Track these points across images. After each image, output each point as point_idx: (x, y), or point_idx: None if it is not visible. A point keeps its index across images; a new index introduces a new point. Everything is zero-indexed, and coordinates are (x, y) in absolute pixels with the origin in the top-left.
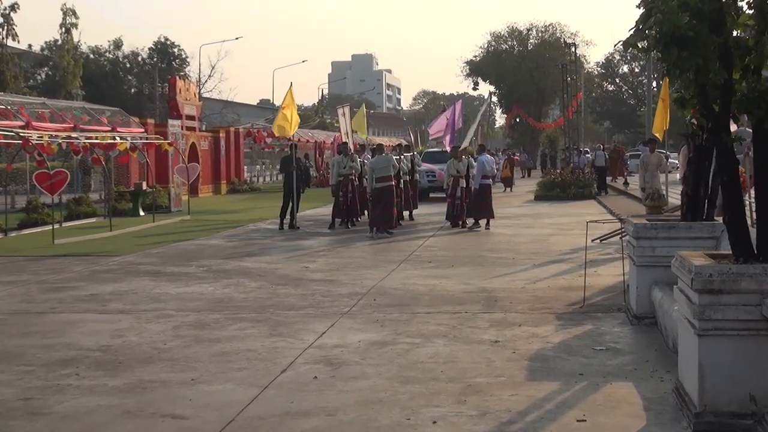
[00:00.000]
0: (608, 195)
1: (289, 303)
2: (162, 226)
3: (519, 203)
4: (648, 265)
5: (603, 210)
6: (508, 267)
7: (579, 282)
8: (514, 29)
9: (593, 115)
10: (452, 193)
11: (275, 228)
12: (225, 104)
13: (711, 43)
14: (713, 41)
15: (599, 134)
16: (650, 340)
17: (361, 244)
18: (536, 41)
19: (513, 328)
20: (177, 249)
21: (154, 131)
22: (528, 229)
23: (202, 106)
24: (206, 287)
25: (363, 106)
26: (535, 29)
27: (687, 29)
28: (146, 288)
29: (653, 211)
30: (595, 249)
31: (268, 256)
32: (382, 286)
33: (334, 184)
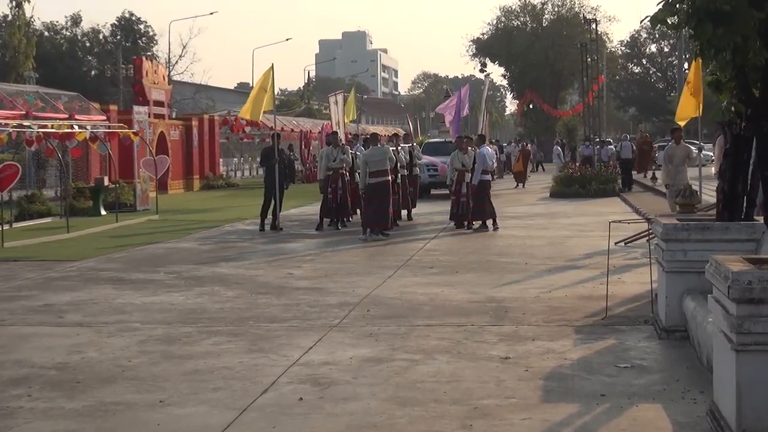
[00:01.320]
0: (634, 192)
1: (271, 314)
2: (126, 227)
3: (532, 201)
4: (679, 271)
5: (628, 209)
6: (520, 273)
7: (601, 290)
8: (527, 3)
9: (617, 101)
10: (457, 190)
11: (255, 229)
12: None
13: (751, 19)
14: (753, 16)
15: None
16: (681, 357)
17: (353, 247)
18: (552, 17)
19: (526, 342)
20: (143, 253)
21: (118, 119)
22: (543, 231)
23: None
24: (176, 296)
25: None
26: (551, 3)
27: (723, 3)
28: (108, 297)
29: (685, 210)
30: (618, 253)
31: (247, 261)
32: (376, 295)
33: (322, 179)
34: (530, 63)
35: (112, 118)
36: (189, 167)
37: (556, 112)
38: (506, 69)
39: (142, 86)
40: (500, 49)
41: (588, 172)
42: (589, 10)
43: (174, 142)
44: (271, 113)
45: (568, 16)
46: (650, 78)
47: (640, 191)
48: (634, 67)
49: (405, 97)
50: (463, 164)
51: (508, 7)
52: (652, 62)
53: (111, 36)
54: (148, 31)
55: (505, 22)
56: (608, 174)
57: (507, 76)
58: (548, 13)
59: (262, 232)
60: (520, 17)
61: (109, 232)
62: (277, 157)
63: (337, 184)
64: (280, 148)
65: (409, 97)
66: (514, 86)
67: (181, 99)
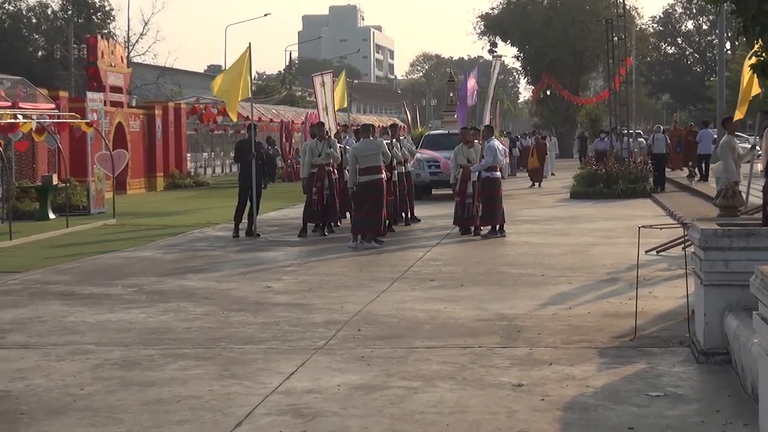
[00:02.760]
0: (667, 192)
1: (246, 335)
2: (78, 233)
3: (550, 202)
4: (719, 284)
5: (661, 211)
6: (536, 287)
7: (629, 307)
8: None
9: (648, 86)
10: (461, 190)
11: (228, 235)
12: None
13: None
14: None
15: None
16: (722, 383)
17: (342, 256)
18: None
19: (542, 367)
20: (98, 263)
21: (69, 107)
22: (562, 237)
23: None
24: (136, 314)
25: (343, 73)
26: None
27: None
28: (57, 315)
29: (727, 213)
30: (650, 263)
31: (219, 272)
32: (368, 312)
33: (305, 177)
34: (547, 42)
35: (62, 106)
36: (151, 163)
37: (578, 99)
38: (520, 49)
39: (96, 69)
40: (513, 26)
41: (614, 169)
42: None
43: (134, 134)
44: (247, 101)
45: None
46: (686, 60)
47: (674, 191)
48: (667, 47)
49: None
50: (469, 160)
51: None
52: (688, 42)
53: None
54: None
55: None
56: (638, 171)
57: (520, 57)
58: None
59: (237, 238)
60: None
61: (58, 238)
62: (254, 151)
63: (323, 183)
64: (258, 142)
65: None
66: (529, 69)
67: (143, 84)
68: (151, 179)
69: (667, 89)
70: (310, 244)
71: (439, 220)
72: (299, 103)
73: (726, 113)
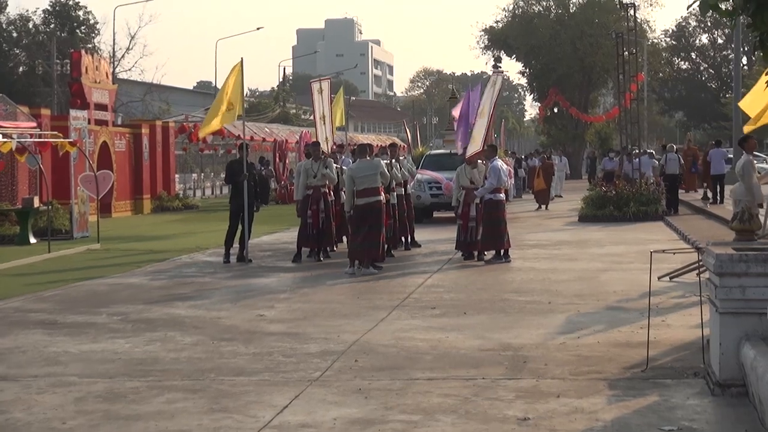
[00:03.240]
0: (681, 215)
1: (237, 366)
2: (61, 258)
3: (558, 226)
4: (736, 312)
5: (674, 235)
6: (543, 315)
7: (640, 336)
8: None
9: (660, 103)
10: (464, 212)
11: (218, 261)
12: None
13: None
14: None
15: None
16: (739, 417)
17: (338, 283)
18: (581, 0)
19: (549, 400)
20: (81, 290)
21: (51, 126)
22: (570, 263)
23: (117, 90)
24: (122, 344)
25: (341, 90)
26: None
27: None
28: (38, 345)
29: (743, 237)
30: (662, 290)
31: (208, 300)
32: (366, 341)
33: (300, 199)
34: (555, 57)
35: (44, 124)
36: (138, 185)
37: (587, 117)
38: (525, 64)
39: (80, 86)
40: (518, 40)
41: (625, 190)
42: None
43: (119, 154)
44: (239, 119)
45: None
46: (701, 76)
47: (688, 214)
48: (681, 62)
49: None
50: (472, 181)
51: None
52: (702, 57)
53: (43, 24)
54: (88, 18)
55: (524, 8)
56: (650, 193)
57: (526, 73)
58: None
59: (227, 264)
60: (542, 1)
61: (39, 264)
62: (246, 172)
63: (319, 206)
64: (250, 162)
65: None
66: (535, 86)
67: (129, 101)
68: (137, 201)
69: (681, 107)
70: (305, 270)
71: (441, 244)
72: (293, 121)
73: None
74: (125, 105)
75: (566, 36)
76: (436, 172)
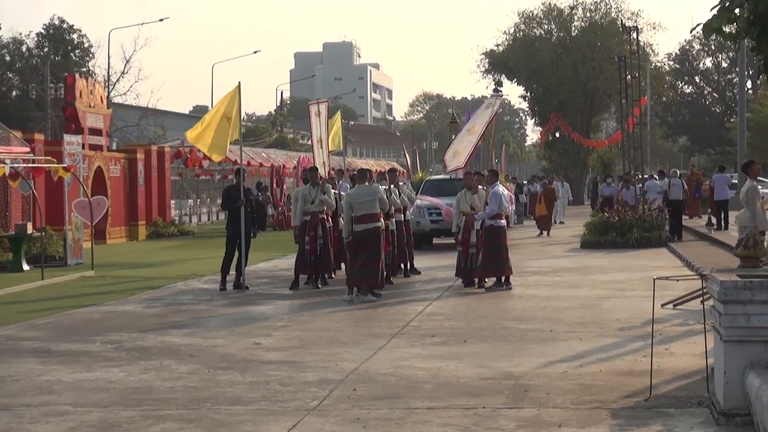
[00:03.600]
0: (685, 241)
1: (234, 395)
2: (54, 285)
3: (559, 252)
4: (740, 340)
5: (678, 262)
6: (544, 343)
7: (644, 364)
8: (552, 7)
9: (663, 128)
10: (464, 239)
11: (215, 288)
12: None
13: None
14: None
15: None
16: None
17: (336, 310)
18: (583, 24)
19: (550, 429)
20: (75, 318)
21: (45, 151)
22: (572, 290)
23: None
24: (116, 372)
25: (338, 113)
26: (581, 7)
27: None
28: (31, 373)
29: (748, 264)
30: (666, 317)
31: (204, 328)
32: (365, 370)
33: (297, 225)
34: (556, 81)
35: (37, 149)
36: (133, 211)
37: (589, 141)
38: (527, 88)
39: (74, 110)
40: (519, 63)
41: (628, 216)
42: (628, 15)
43: (114, 179)
44: (236, 144)
45: (602, 23)
46: (705, 100)
47: (692, 240)
48: (684, 86)
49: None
50: (473, 207)
51: (529, 12)
52: (706, 80)
53: (36, 48)
54: (82, 41)
55: (525, 31)
56: (653, 219)
57: (528, 97)
58: (578, 19)
59: (224, 291)
60: (543, 25)
61: (32, 291)
62: (243, 198)
63: (316, 232)
64: (246, 188)
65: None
66: (537, 110)
67: (124, 126)
68: (132, 228)
69: (685, 131)
70: (303, 297)
71: (441, 271)
72: (291, 146)
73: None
74: (120, 130)
75: (568, 60)
76: (435, 198)
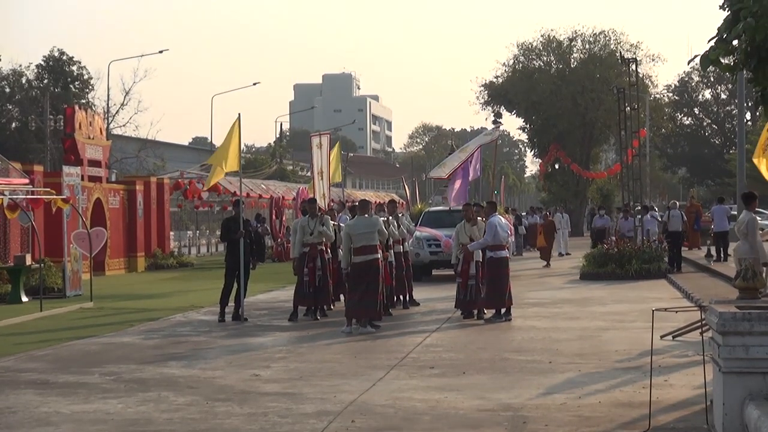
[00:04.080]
0: (684, 272)
1: (232, 426)
2: (53, 317)
3: (559, 284)
4: (739, 371)
5: (677, 293)
6: (543, 375)
7: (643, 396)
8: (551, 39)
9: (663, 159)
10: (463, 270)
11: (213, 319)
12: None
13: None
14: None
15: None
16: None
17: (335, 342)
18: (582, 56)
19: None
20: (73, 350)
21: (44, 182)
22: (571, 321)
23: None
24: (114, 404)
25: (338, 145)
26: (581, 39)
27: None
28: (29, 405)
29: (747, 295)
30: (665, 349)
31: (203, 359)
32: (363, 402)
33: (296, 256)
34: (555, 113)
35: (36, 181)
36: (132, 242)
37: (588, 173)
38: (526, 120)
39: (74, 141)
40: (518, 95)
41: (627, 248)
42: (627, 47)
43: (113, 210)
44: (235, 175)
45: (601, 54)
46: (704, 131)
47: (692, 272)
48: (684, 117)
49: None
50: (472, 238)
51: (528, 44)
52: (706, 112)
53: (36, 80)
54: (82, 73)
55: (524, 63)
56: (652, 250)
57: (527, 128)
58: (577, 51)
59: (223, 323)
60: (542, 56)
61: (31, 323)
62: (242, 229)
63: (315, 263)
64: (245, 219)
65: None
66: (536, 141)
67: (123, 157)
68: (131, 259)
69: (684, 162)
70: (302, 328)
71: (440, 303)
72: (291, 177)
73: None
74: (120, 161)
75: (567, 91)
76: (435, 230)
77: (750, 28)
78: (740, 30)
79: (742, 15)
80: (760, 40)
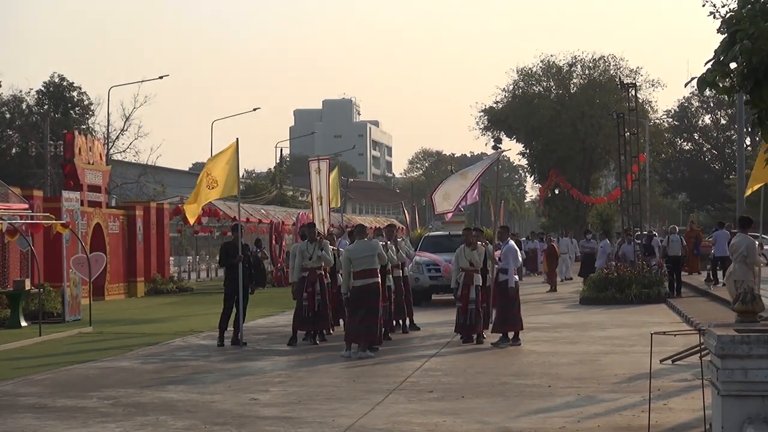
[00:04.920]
0: (684, 297)
1: None
2: (52, 341)
3: (559, 308)
4: (738, 394)
5: (677, 317)
6: (542, 399)
7: (642, 420)
8: (551, 64)
9: (663, 184)
10: (463, 295)
11: (212, 344)
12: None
13: None
14: None
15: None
16: None
17: (334, 366)
18: (582, 81)
19: None
20: (72, 374)
21: (43, 207)
22: (571, 345)
23: (111, 172)
24: (112, 428)
25: (337, 170)
26: (580, 64)
27: None
28: (27, 429)
29: (746, 319)
30: (664, 373)
31: (202, 384)
32: (362, 426)
33: (296, 281)
34: (555, 138)
35: (36, 206)
36: (131, 267)
37: (588, 198)
38: (526, 145)
39: (73, 167)
40: (518, 120)
41: (627, 272)
42: (627, 73)
43: (113, 236)
44: (234, 200)
45: (601, 80)
46: (704, 157)
47: (691, 296)
48: (683, 143)
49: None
50: (472, 263)
51: (528, 70)
52: (705, 137)
53: (36, 105)
54: (82, 99)
55: (524, 88)
56: (652, 275)
57: (527, 154)
58: (577, 76)
59: (222, 347)
60: (542, 82)
61: (30, 348)
62: (241, 254)
63: (315, 288)
64: (244, 244)
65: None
66: (536, 167)
67: (123, 183)
68: (131, 284)
69: (684, 188)
70: (301, 353)
71: (440, 327)
72: (291, 203)
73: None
74: (119, 186)
75: (567, 117)
76: (434, 254)
77: (746, 51)
78: (737, 52)
79: (739, 37)
80: (757, 62)
